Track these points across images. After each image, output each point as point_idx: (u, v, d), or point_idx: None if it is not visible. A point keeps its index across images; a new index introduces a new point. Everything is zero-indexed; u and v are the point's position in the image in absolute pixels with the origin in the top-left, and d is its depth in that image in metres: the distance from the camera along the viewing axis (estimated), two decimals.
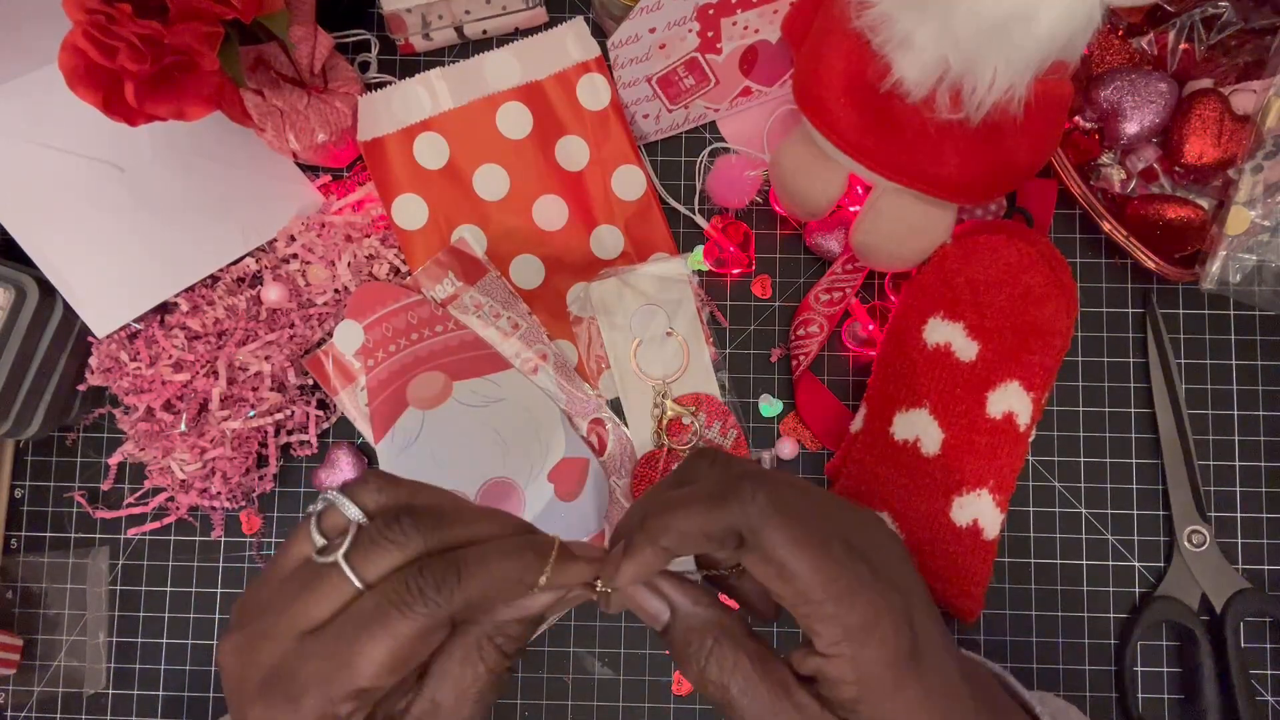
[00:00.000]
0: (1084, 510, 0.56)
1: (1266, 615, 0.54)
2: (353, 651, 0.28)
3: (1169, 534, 0.56)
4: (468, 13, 0.57)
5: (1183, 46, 0.55)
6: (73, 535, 0.57)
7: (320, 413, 0.56)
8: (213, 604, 0.57)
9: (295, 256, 0.56)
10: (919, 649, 0.30)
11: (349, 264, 0.56)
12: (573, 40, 0.56)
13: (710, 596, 0.32)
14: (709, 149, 0.59)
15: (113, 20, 0.41)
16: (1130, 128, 0.54)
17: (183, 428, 0.53)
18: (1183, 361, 0.57)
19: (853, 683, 0.29)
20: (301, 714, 0.28)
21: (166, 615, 0.57)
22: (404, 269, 0.57)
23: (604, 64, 0.56)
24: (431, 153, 0.56)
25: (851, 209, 0.55)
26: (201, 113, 0.45)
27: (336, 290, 0.56)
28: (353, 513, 0.29)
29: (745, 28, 0.55)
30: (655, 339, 0.56)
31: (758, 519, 0.29)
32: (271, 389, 0.54)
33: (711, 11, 0.53)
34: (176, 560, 0.57)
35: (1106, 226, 0.53)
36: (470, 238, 0.56)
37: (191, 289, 0.55)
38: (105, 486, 0.57)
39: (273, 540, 0.57)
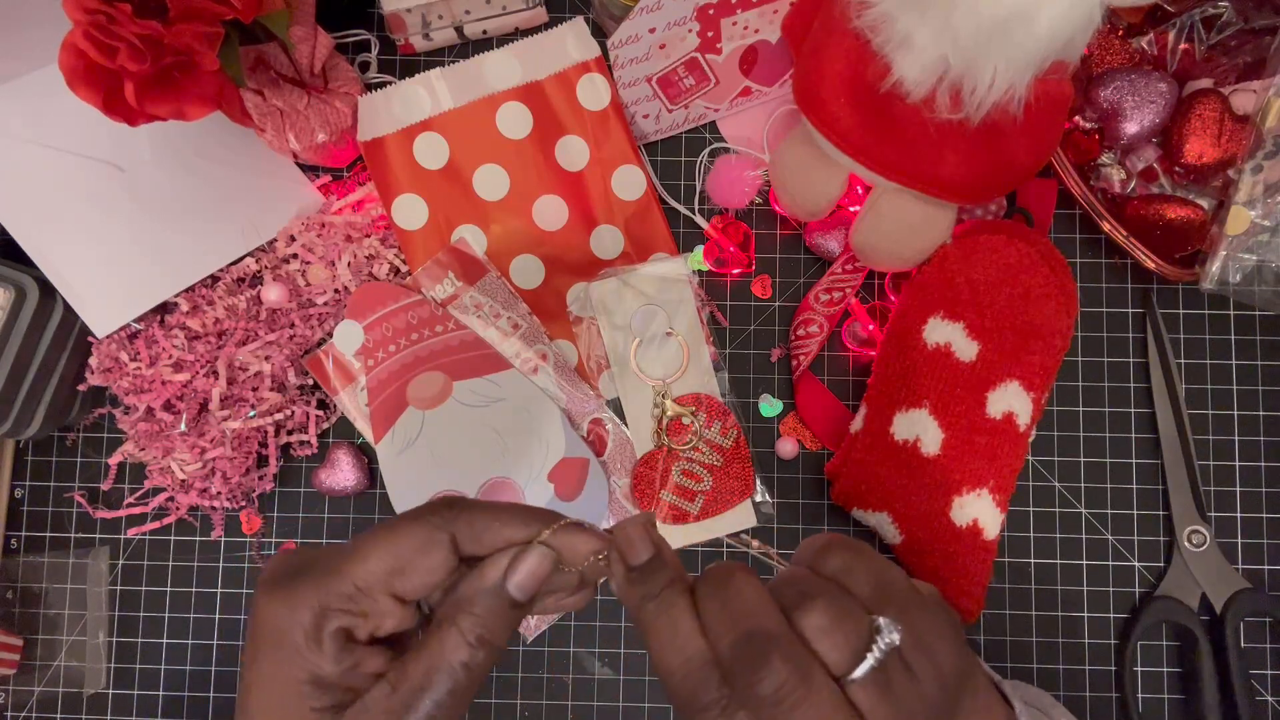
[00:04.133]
0: (1084, 510, 0.56)
1: (1266, 615, 0.54)
2: (354, 548, 0.31)
3: (1169, 534, 0.56)
4: (468, 13, 0.57)
5: (1183, 46, 0.55)
6: (73, 535, 0.57)
7: (320, 413, 0.56)
8: (213, 604, 0.57)
9: (295, 256, 0.56)
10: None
11: (349, 264, 0.56)
12: (573, 40, 0.56)
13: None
14: (709, 149, 0.59)
15: (113, 20, 0.41)
16: (1130, 128, 0.54)
17: (183, 428, 0.53)
18: (1183, 361, 0.57)
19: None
20: (295, 602, 0.30)
21: (166, 615, 0.57)
22: (404, 269, 0.57)
23: (604, 64, 0.56)
24: (431, 153, 0.56)
25: (851, 209, 0.55)
26: (201, 113, 0.45)
27: (336, 290, 0.56)
28: None
29: (745, 28, 0.55)
30: (655, 339, 0.56)
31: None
32: (271, 389, 0.54)
33: (711, 11, 0.53)
34: (176, 560, 0.57)
35: (1106, 226, 0.53)
36: (470, 238, 0.56)
37: (191, 289, 0.55)
38: (105, 486, 0.57)
39: (273, 540, 0.57)
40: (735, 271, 0.58)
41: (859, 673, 0.27)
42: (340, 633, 0.30)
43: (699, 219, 0.58)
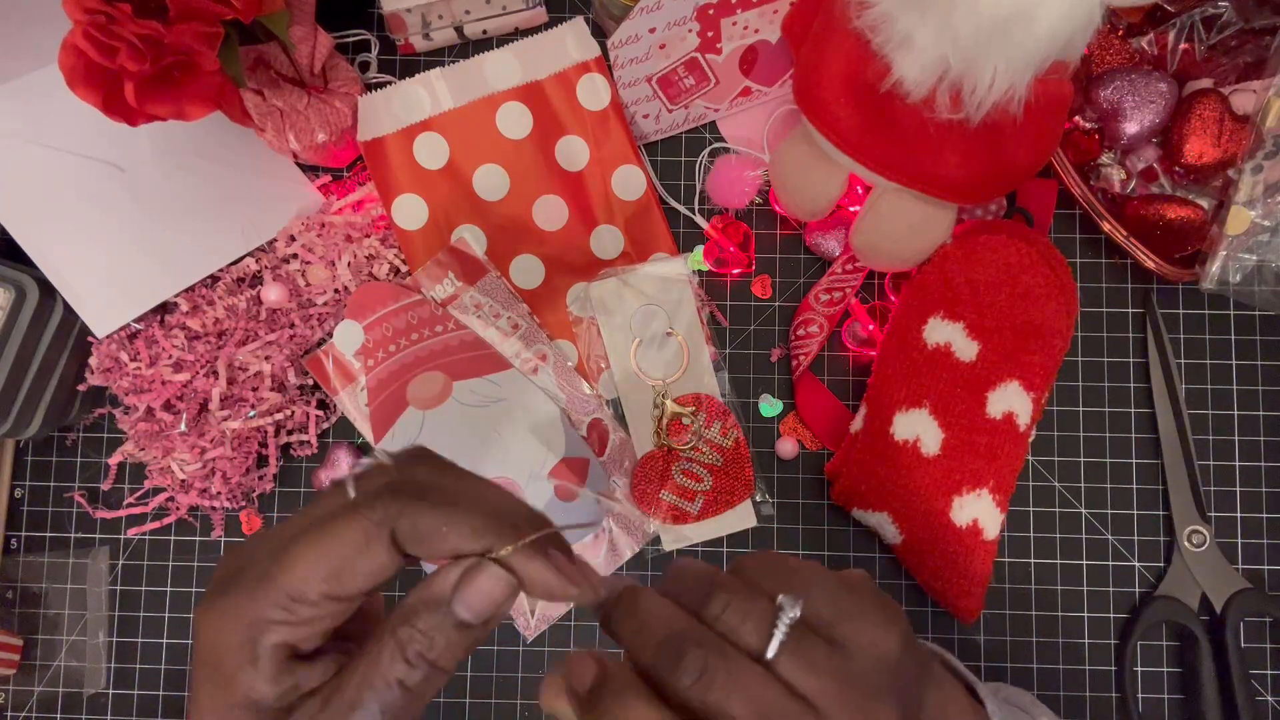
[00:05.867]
0: (1084, 510, 0.56)
1: (1266, 615, 0.54)
2: (284, 550, 0.27)
3: (1169, 534, 0.56)
4: (468, 13, 0.57)
5: (1183, 46, 0.55)
6: (73, 535, 0.57)
7: (320, 413, 0.56)
8: None
9: (295, 256, 0.56)
10: None
11: (349, 264, 0.56)
12: (573, 40, 0.56)
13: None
14: (709, 149, 0.59)
15: (113, 20, 0.41)
16: (1130, 128, 0.54)
17: (183, 428, 0.53)
18: (1183, 361, 0.57)
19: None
20: (225, 618, 0.27)
21: (166, 615, 0.57)
22: (404, 269, 0.57)
23: (604, 64, 0.56)
24: (431, 153, 0.56)
25: (851, 209, 0.55)
26: (201, 113, 0.45)
27: (336, 290, 0.56)
28: (380, 455, 0.30)
29: (745, 28, 0.55)
30: (655, 339, 0.56)
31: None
32: (271, 389, 0.54)
33: (711, 11, 0.53)
34: (176, 560, 0.57)
35: (1106, 226, 0.53)
36: (470, 238, 0.56)
37: (191, 289, 0.55)
38: (105, 486, 0.57)
39: None
40: (735, 271, 0.58)
41: (771, 649, 0.28)
42: (279, 648, 0.27)
43: (699, 219, 0.58)
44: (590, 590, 0.29)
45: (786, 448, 0.56)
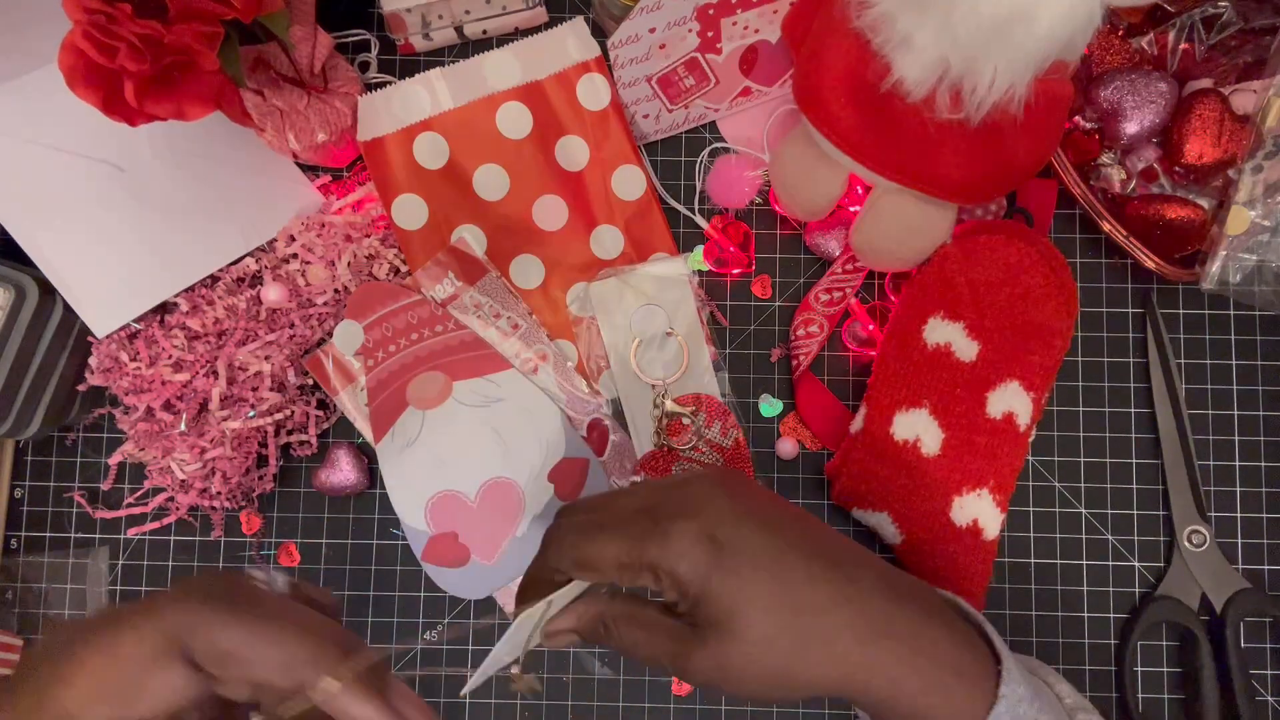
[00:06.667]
0: (1084, 510, 0.56)
1: (1266, 615, 0.54)
2: (61, 662, 0.23)
3: (1169, 534, 0.56)
4: (468, 13, 0.57)
5: (1183, 46, 0.55)
6: (73, 535, 0.57)
7: (320, 413, 0.56)
8: None
9: (295, 256, 0.56)
10: (729, 543, 0.35)
11: (349, 264, 0.56)
12: (573, 40, 0.56)
13: (578, 606, 0.38)
14: (709, 149, 0.59)
15: (113, 20, 0.41)
16: (1130, 128, 0.54)
17: (183, 428, 0.53)
18: (1183, 361, 0.57)
19: (680, 600, 0.34)
20: None
21: None
22: (404, 269, 0.57)
23: (604, 64, 0.56)
24: (431, 153, 0.56)
25: (851, 209, 0.55)
26: (201, 113, 0.45)
27: (336, 290, 0.56)
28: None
29: (745, 28, 0.55)
30: (655, 339, 0.56)
31: (559, 557, 0.37)
32: (271, 389, 0.54)
33: (711, 11, 0.53)
34: (176, 560, 0.57)
35: (1106, 226, 0.53)
36: (470, 238, 0.56)
37: (191, 289, 0.55)
38: (105, 486, 0.57)
39: (273, 540, 0.57)
40: (735, 271, 0.58)
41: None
42: None
43: (699, 219, 0.58)
44: None
45: (786, 448, 0.56)
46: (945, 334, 0.52)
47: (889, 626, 0.35)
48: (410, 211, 0.56)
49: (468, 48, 0.59)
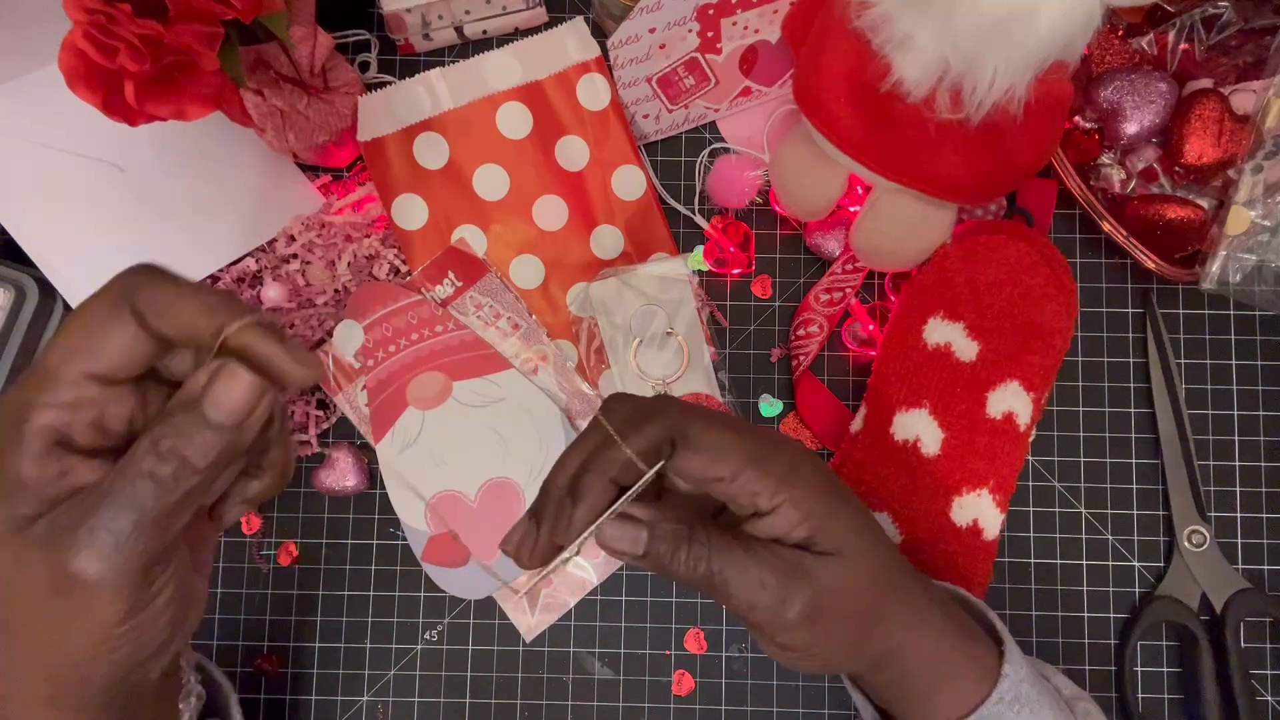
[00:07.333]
0: (1084, 510, 0.56)
1: (1266, 615, 0.54)
2: (51, 341, 0.30)
3: (1169, 534, 0.56)
4: (468, 13, 0.57)
5: (1183, 46, 0.55)
6: None
7: (320, 413, 0.56)
8: (211, 604, 0.57)
9: (295, 256, 0.56)
10: (838, 483, 0.37)
11: (349, 264, 0.56)
12: (573, 40, 0.56)
13: (664, 509, 0.34)
14: (709, 149, 0.59)
15: (113, 20, 0.41)
16: (1130, 128, 0.54)
17: None
18: (1183, 361, 0.57)
19: (801, 521, 0.34)
20: (3, 403, 0.29)
21: None
22: (404, 269, 0.57)
23: (604, 64, 0.56)
24: (431, 153, 0.56)
25: (851, 209, 0.55)
26: (201, 113, 0.45)
27: (336, 290, 0.56)
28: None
29: (745, 28, 0.55)
30: (655, 339, 0.56)
31: (682, 423, 0.34)
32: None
33: (711, 11, 0.53)
34: None
35: (1106, 226, 0.53)
36: (470, 238, 0.56)
37: None
38: None
39: (273, 540, 0.57)
40: (735, 271, 0.58)
41: None
42: (45, 430, 0.29)
43: (699, 219, 0.58)
44: (316, 367, 0.31)
45: None
46: (945, 334, 0.52)
47: (926, 608, 0.38)
48: (410, 211, 0.56)
49: (468, 48, 0.59)
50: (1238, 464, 0.56)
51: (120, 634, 0.29)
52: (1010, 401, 0.52)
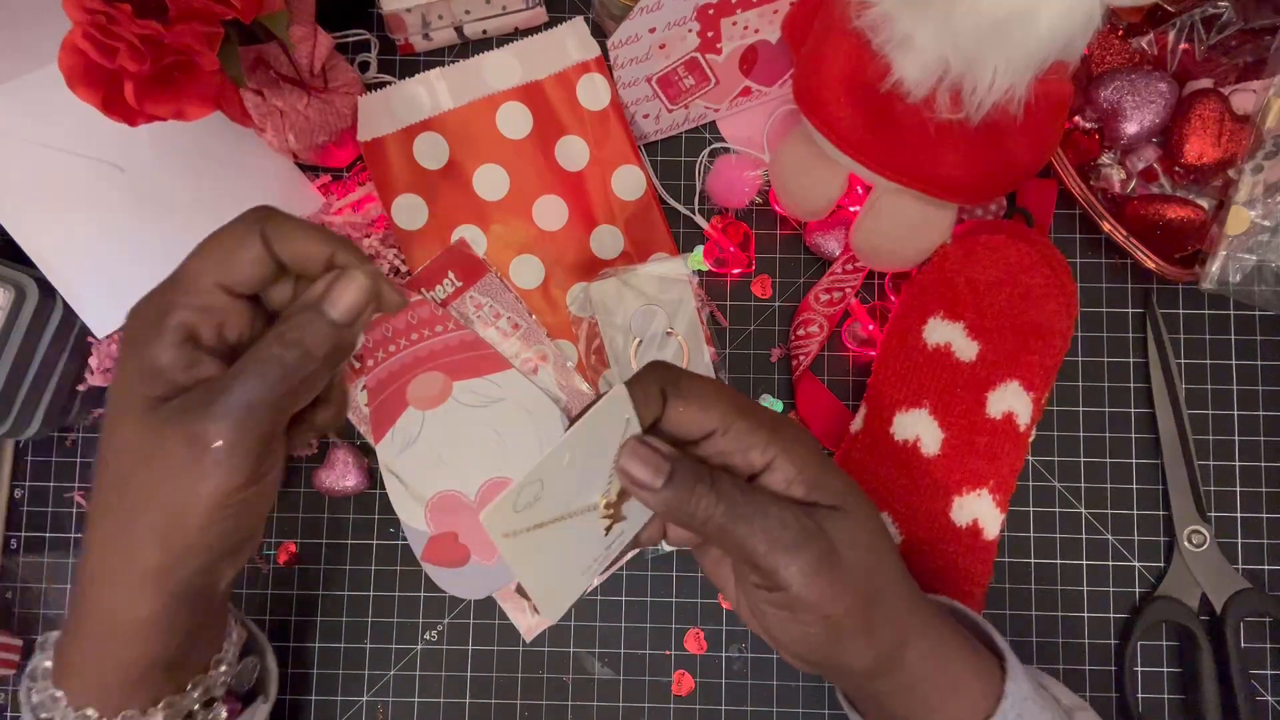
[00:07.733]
0: (1084, 510, 0.56)
1: (1266, 615, 0.54)
2: (190, 254, 0.35)
3: (1169, 534, 0.56)
4: (468, 13, 0.57)
5: (1183, 46, 0.55)
6: (73, 535, 0.57)
7: None
8: None
9: None
10: (820, 444, 0.37)
11: None
12: (573, 40, 0.56)
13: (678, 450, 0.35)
14: (709, 149, 0.59)
15: (113, 20, 0.41)
16: (1130, 128, 0.54)
17: None
18: (1183, 361, 0.57)
19: (796, 475, 0.35)
20: (144, 308, 0.35)
21: None
22: (404, 269, 0.57)
23: (604, 64, 0.56)
24: (431, 153, 0.56)
25: (851, 209, 0.55)
26: (201, 113, 0.45)
27: None
28: None
29: (745, 28, 0.55)
30: (655, 339, 0.56)
31: (672, 375, 0.35)
32: None
33: (711, 11, 0.53)
34: None
35: (1106, 226, 0.53)
36: (470, 238, 0.56)
37: None
38: None
39: (273, 540, 0.57)
40: (735, 271, 0.58)
41: None
42: (181, 327, 0.33)
43: (699, 219, 0.58)
44: (405, 296, 0.38)
45: None
46: (945, 334, 0.52)
47: (924, 606, 0.38)
48: (410, 211, 0.56)
49: (468, 48, 0.59)
50: (1238, 464, 0.56)
51: (237, 501, 0.33)
52: (1010, 401, 0.52)
